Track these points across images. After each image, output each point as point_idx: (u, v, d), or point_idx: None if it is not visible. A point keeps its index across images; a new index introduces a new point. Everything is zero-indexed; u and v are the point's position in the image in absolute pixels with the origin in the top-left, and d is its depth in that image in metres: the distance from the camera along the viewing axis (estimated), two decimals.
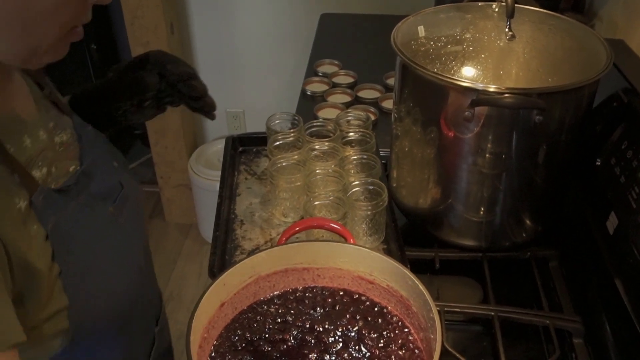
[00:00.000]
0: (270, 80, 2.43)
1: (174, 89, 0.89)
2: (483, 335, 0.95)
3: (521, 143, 0.89)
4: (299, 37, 2.28)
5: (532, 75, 0.92)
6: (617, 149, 0.96)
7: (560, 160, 0.95)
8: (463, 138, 0.90)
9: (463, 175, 0.94)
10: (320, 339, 0.70)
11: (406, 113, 0.97)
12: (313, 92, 1.55)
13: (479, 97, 0.84)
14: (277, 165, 1.00)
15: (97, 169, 0.75)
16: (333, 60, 1.69)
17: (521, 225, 1.01)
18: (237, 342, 0.69)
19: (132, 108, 0.88)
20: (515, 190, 0.95)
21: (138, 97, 0.87)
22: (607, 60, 0.88)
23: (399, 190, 1.08)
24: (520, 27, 0.95)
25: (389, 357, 0.67)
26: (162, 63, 0.87)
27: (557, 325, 0.92)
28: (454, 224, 1.01)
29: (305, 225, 0.85)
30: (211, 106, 0.91)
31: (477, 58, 0.92)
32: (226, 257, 0.93)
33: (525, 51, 0.93)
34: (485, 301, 0.98)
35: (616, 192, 0.92)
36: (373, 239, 0.95)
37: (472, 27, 0.97)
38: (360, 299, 0.76)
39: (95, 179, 0.74)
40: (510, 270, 1.05)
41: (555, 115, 0.87)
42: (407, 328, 0.72)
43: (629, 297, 0.84)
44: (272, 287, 0.76)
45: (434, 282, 1.01)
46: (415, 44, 0.96)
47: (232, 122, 2.57)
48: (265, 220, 1.01)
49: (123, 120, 0.90)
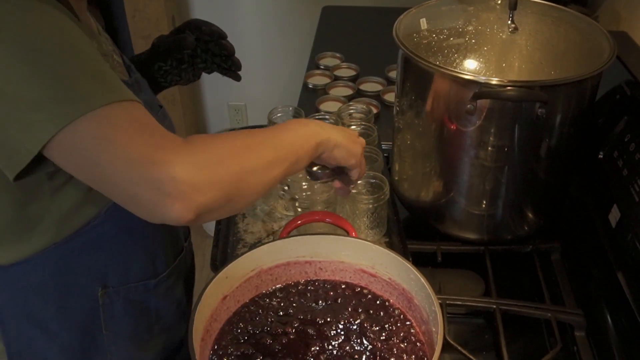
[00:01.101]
0: (272, 73, 2.42)
1: (207, 51, 0.99)
2: (485, 328, 0.95)
3: (523, 136, 0.89)
4: (300, 30, 2.28)
5: (535, 68, 0.91)
6: (619, 141, 0.96)
7: (563, 153, 0.94)
8: (465, 131, 0.90)
9: (465, 168, 0.94)
10: (322, 332, 0.70)
11: (408, 106, 0.97)
12: (315, 85, 1.55)
13: (481, 90, 0.83)
14: None
15: (144, 86, 0.88)
16: (335, 53, 1.69)
17: (523, 219, 1.00)
18: (240, 334, 0.70)
19: (170, 68, 0.99)
20: (518, 183, 0.95)
21: (177, 55, 0.98)
22: (610, 53, 0.87)
23: (401, 184, 1.07)
24: (523, 20, 0.94)
25: (390, 350, 0.68)
26: (197, 25, 0.97)
27: (559, 318, 0.92)
28: (456, 217, 1.01)
29: (307, 218, 0.85)
30: (237, 65, 1.01)
31: (479, 51, 0.92)
32: (228, 251, 0.93)
33: (527, 44, 0.93)
34: (487, 294, 0.98)
35: (619, 185, 0.92)
36: (375, 232, 0.95)
37: (475, 20, 0.97)
38: (362, 292, 0.76)
39: (143, 91, 0.86)
40: (512, 263, 1.05)
41: (557, 108, 0.87)
42: (409, 321, 0.72)
43: (630, 290, 0.84)
44: (274, 280, 0.76)
45: (435, 275, 1.01)
46: (417, 36, 0.96)
47: (234, 115, 2.56)
48: (267, 214, 1.01)
49: (163, 82, 1.01)
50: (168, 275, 0.88)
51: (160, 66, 0.99)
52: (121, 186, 0.59)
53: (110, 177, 0.59)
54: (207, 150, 0.61)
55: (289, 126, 0.73)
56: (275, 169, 0.67)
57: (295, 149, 0.70)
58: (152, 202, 0.58)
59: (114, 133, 0.58)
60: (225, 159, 0.62)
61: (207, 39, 0.98)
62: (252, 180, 0.64)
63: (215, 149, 0.62)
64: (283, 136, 0.70)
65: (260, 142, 0.68)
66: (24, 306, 0.80)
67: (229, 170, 0.62)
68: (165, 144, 0.59)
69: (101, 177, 0.60)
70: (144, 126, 0.61)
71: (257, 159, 0.65)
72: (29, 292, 0.78)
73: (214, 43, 0.98)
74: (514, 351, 0.88)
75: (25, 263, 0.75)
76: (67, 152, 0.60)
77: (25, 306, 0.80)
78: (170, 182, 0.57)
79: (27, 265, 0.75)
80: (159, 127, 0.62)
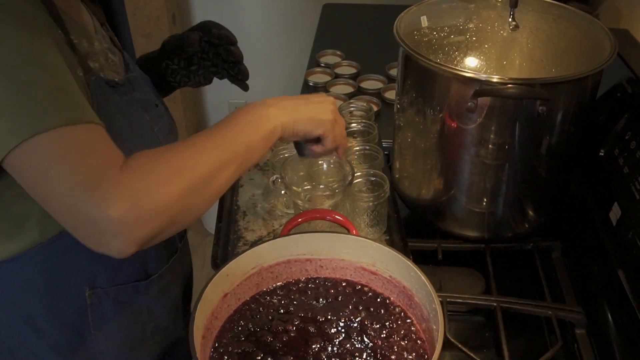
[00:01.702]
0: (272, 71, 2.42)
1: (217, 55, 0.98)
2: (485, 326, 0.95)
3: (524, 134, 0.89)
4: (301, 28, 2.27)
5: (536, 66, 0.91)
6: (620, 139, 0.96)
7: (564, 151, 0.94)
8: (466, 129, 0.90)
9: (466, 166, 0.94)
10: (322, 330, 0.70)
11: (409, 104, 0.97)
12: (315, 83, 1.55)
13: (482, 88, 0.83)
14: (279, 156, 1.00)
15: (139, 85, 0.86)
16: (335, 51, 1.69)
17: (524, 216, 1.00)
18: (240, 332, 0.70)
19: (179, 69, 0.99)
20: (518, 181, 0.95)
21: (183, 54, 0.97)
22: (611, 50, 0.87)
23: (401, 181, 1.07)
24: (524, 17, 0.94)
25: (391, 348, 0.68)
26: (208, 27, 0.97)
27: (559, 316, 0.92)
28: (456, 215, 1.01)
29: (307, 216, 0.85)
30: (244, 74, 1.00)
31: (480, 48, 0.92)
32: (229, 249, 0.93)
33: (528, 41, 0.92)
34: (487, 292, 0.98)
35: (619, 182, 0.91)
36: (375, 230, 0.95)
37: (475, 17, 0.97)
38: (362, 289, 0.76)
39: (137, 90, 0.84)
40: (513, 261, 1.05)
41: (558, 106, 0.87)
42: (410, 319, 0.72)
43: (631, 287, 0.84)
44: (274, 278, 0.76)
45: (436, 273, 1.01)
46: (418, 34, 0.96)
47: None
48: (268, 212, 1.01)
49: (172, 81, 1.01)
50: (160, 277, 0.87)
51: (168, 64, 0.99)
52: (63, 215, 0.60)
53: (52, 205, 0.60)
54: (148, 174, 0.61)
55: (234, 119, 0.70)
56: (223, 173, 0.65)
57: (245, 143, 0.67)
58: (91, 237, 0.59)
59: (60, 159, 0.59)
60: (167, 180, 0.61)
61: (216, 42, 0.97)
62: (198, 195, 0.63)
63: (156, 171, 0.61)
64: (227, 132, 0.68)
65: (202, 148, 0.65)
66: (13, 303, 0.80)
67: (172, 192, 0.61)
68: (108, 174, 0.59)
69: (44, 202, 0.61)
70: (91, 153, 0.60)
71: (202, 170, 0.63)
72: (18, 289, 0.78)
73: (223, 48, 0.97)
74: (514, 349, 0.88)
75: (14, 261, 0.75)
76: (18, 169, 0.61)
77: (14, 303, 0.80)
78: (107, 220, 0.57)
79: (15, 263, 0.75)
80: (109, 150, 0.62)
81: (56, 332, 0.82)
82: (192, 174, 0.63)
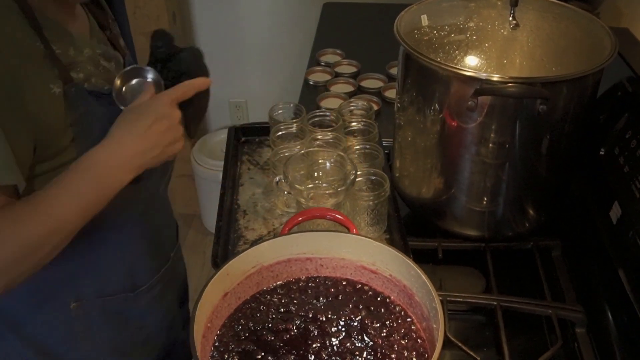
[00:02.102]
0: (273, 70, 2.42)
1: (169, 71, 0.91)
2: (485, 325, 0.95)
3: (524, 133, 0.89)
4: (301, 27, 2.27)
5: (536, 65, 0.91)
6: (621, 138, 0.96)
7: (564, 150, 0.94)
8: (466, 128, 0.90)
9: (466, 165, 0.94)
10: (323, 329, 0.70)
11: (409, 103, 0.97)
12: (316, 82, 1.55)
13: (482, 87, 0.83)
14: (279, 155, 1.00)
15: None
16: (336, 50, 1.69)
17: (524, 215, 1.00)
18: (241, 331, 0.70)
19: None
20: (519, 180, 0.94)
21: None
22: (611, 49, 0.87)
23: (401, 180, 1.07)
24: (524, 16, 0.94)
25: (391, 347, 0.68)
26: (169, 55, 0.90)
27: (559, 315, 0.92)
28: (456, 214, 1.01)
29: (307, 215, 0.85)
30: (193, 117, 0.93)
31: (480, 47, 0.92)
32: (229, 248, 0.93)
33: (529, 40, 0.92)
34: (487, 291, 0.98)
35: (620, 181, 0.91)
36: (375, 229, 0.95)
37: (476, 16, 0.97)
38: (363, 288, 0.76)
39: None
40: (513, 260, 1.05)
41: (559, 105, 0.87)
42: (410, 318, 0.72)
43: (631, 286, 0.84)
44: (275, 277, 0.76)
45: (436, 272, 1.02)
46: (418, 33, 0.96)
47: (234, 112, 2.56)
48: (268, 211, 1.01)
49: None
50: (151, 287, 0.87)
51: None
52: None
53: None
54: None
55: (84, 181, 0.72)
56: (54, 239, 0.69)
57: (92, 208, 0.71)
58: None
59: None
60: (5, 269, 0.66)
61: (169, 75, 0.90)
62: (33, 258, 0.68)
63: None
64: (72, 200, 0.70)
65: (45, 214, 0.68)
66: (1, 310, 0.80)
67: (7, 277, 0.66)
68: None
69: None
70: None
71: (28, 239, 0.67)
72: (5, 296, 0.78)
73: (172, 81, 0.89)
74: (514, 348, 0.88)
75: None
76: None
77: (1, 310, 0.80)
78: None
79: None
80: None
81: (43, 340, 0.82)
82: (30, 261, 0.68)
